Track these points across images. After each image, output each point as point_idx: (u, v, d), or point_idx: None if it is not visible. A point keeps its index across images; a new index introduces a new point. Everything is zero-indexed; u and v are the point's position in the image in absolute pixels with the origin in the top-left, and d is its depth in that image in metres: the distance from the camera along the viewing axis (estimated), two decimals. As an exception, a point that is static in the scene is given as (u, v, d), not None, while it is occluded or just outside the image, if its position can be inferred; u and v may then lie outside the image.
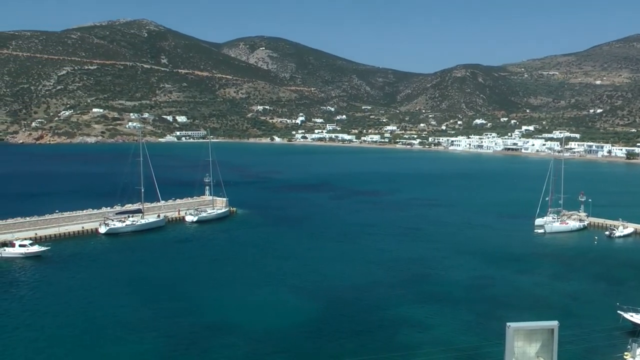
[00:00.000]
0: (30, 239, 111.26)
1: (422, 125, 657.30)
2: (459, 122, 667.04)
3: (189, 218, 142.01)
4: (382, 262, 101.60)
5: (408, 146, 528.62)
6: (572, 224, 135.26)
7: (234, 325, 70.14)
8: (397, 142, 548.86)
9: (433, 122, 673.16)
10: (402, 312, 75.29)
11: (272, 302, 78.67)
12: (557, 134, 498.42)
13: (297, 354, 62.64)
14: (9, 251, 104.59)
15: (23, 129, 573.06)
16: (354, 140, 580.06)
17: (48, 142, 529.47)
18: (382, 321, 71.97)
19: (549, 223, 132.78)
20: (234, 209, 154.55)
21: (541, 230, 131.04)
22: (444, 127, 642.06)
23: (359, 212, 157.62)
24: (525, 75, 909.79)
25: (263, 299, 79.76)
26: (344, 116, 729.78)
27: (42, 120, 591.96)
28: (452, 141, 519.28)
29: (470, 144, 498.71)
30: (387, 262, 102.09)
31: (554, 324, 20.22)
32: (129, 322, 71.07)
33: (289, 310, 75.56)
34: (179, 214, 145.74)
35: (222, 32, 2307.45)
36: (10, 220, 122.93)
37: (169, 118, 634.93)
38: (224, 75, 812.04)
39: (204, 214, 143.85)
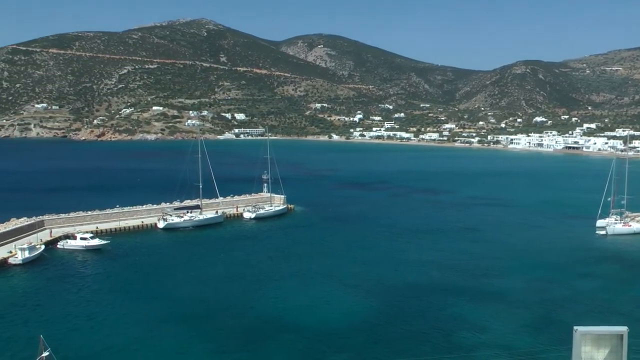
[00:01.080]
0: (91, 232, 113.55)
1: (481, 123, 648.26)
2: (519, 120, 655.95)
3: (246, 215, 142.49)
4: (438, 262, 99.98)
5: (467, 144, 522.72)
6: (636, 225, 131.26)
7: (289, 322, 69.93)
8: (455, 141, 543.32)
9: (492, 120, 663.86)
10: (458, 313, 74.05)
11: (327, 301, 78.23)
12: (620, 132, 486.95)
13: (352, 353, 62.11)
14: (71, 243, 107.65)
15: (85, 127, 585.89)
16: (412, 138, 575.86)
17: (109, 139, 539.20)
18: (437, 322, 70.94)
19: (611, 225, 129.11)
20: (292, 206, 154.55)
21: (603, 232, 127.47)
22: (503, 125, 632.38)
23: (416, 211, 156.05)
24: (587, 71, 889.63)
25: (318, 297, 79.37)
26: (402, 114, 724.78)
27: (104, 118, 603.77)
28: (512, 139, 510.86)
29: (530, 143, 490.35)
30: (443, 262, 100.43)
31: (624, 329, 19.38)
32: (185, 315, 71.70)
33: (343, 309, 74.95)
34: (236, 210, 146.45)
35: (281, 30, 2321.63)
36: (72, 214, 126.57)
37: (228, 115, 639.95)
38: (282, 73, 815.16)
39: (261, 211, 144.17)
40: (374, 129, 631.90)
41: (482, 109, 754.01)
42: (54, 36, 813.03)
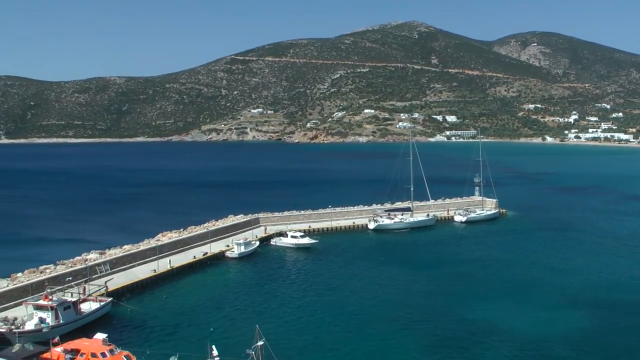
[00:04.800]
0: (302, 231, 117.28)
1: None
2: None
3: (457, 218, 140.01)
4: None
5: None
6: None
7: (498, 329, 67.48)
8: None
9: None
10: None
11: (537, 310, 74.39)
12: None
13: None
14: (283, 241, 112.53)
15: (299, 130, 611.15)
16: (632, 140, 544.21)
17: (322, 142, 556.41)
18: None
19: None
20: (504, 210, 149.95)
21: None
22: None
23: (632, 221, 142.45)
24: None
25: (528, 307, 75.76)
26: (621, 114, 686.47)
27: (317, 121, 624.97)
28: None
29: None
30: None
31: None
32: (393, 317, 71.13)
33: (553, 320, 70.78)
34: (447, 213, 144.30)
35: (493, 30, 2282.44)
36: (286, 213, 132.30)
37: (439, 118, 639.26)
38: (494, 74, 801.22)
39: (473, 215, 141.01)
40: (590, 130, 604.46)
41: None
42: (270, 45, 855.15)
